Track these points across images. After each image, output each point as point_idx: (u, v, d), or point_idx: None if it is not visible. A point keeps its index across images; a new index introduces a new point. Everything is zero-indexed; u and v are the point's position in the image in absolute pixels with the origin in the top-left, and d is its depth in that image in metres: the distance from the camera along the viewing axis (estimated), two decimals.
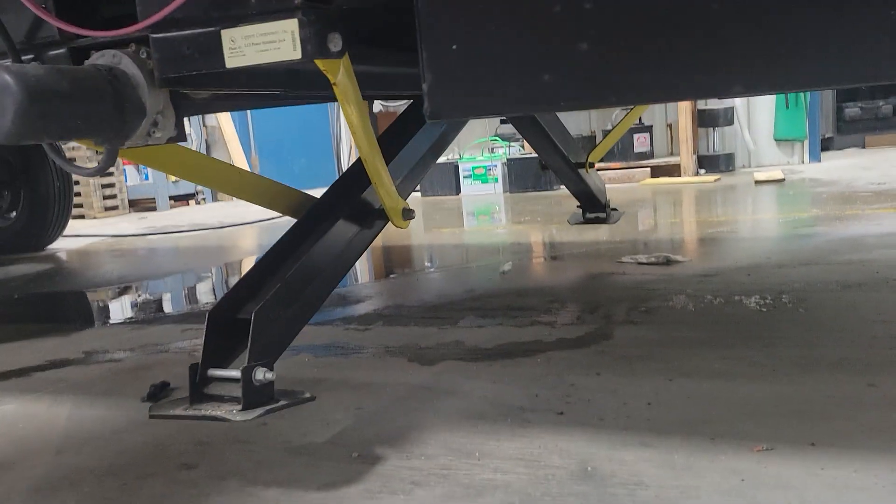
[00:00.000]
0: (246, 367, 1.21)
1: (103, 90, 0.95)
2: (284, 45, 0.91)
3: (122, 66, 0.99)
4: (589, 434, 1.28)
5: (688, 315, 2.01)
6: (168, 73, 0.99)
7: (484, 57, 0.89)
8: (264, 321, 1.25)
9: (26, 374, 1.98)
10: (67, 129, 0.91)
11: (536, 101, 0.89)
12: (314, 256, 1.37)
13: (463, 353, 1.84)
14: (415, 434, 1.35)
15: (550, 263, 3.07)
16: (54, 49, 1.06)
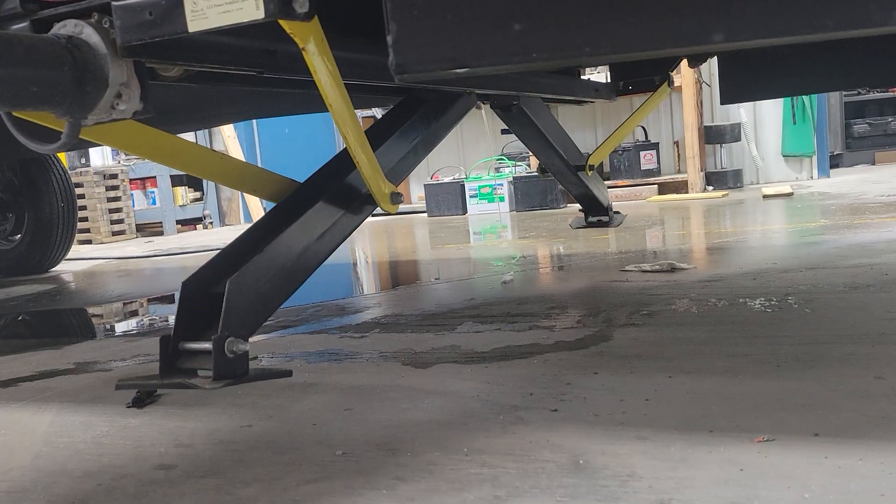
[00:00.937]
0: (218, 337, 1.14)
1: (61, 58, 0.92)
2: (247, 4, 0.88)
3: (84, 35, 0.96)
4: (583, 430, 1.23)
5: (690, 317, 1.95)
6: (130, 41, 0.96)
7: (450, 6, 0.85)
8: (239, 291, 1.19)
9: (13, 385, 1.94)
10: (22, 96, 0.88)
11: (507, 53, 0.85)
12: (295, 234, 1.31)
13: (458, 356, 1.79)
14: (402, 433, 1.30)
15: (553, 274, 3.02)
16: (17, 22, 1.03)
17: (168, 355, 1.25)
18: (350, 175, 1.41)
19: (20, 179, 4.73)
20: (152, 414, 1.57)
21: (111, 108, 0.98)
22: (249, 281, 1.23)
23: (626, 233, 4.18)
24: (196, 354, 1.25)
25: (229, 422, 1.47)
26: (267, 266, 1.26)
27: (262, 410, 1.52)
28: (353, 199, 1.43)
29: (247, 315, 1.26)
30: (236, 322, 1.21)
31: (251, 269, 1.24)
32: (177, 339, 1.24)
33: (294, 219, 1.33)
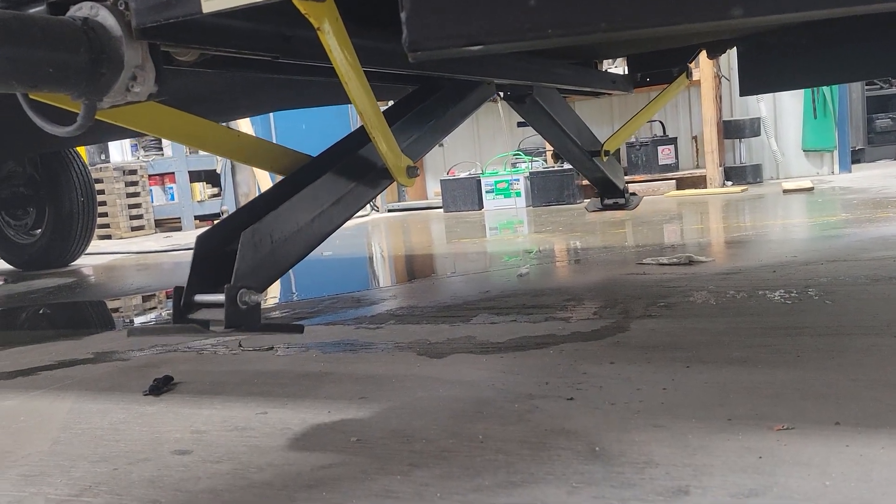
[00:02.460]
0: (230, 286, 1.13)
1: (77, 39, 0.92)
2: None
3: (100, 17, 0.96)
4: (598, 418, 1.22)
5: (708, 309, 1.93)
6: (145, 23, 0.96)
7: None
8: (252, 244, 1.18)
9: (33, 373, 1.96)
10: (37, 77, 0.89)
11: (522, 29, 0.84)
12: (310, 196, 1.30)
13: (473, 346, 1.78)
14: (417, 420, 1.30)
15: (569, 267, 3.01)
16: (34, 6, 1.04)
17: (180, 307, 1.24)
18: (365, 148, 1.40)
19: (41, 174, 4.77)
20: (168, 402, 1.58)
21: (126, 90, 0.98)
22: (263, 235, 1.22)
23: (644, 227, 4.15)
24: (209, 307, 1.23)
25: (244, 409, 1.47)
26: (281, 223, 1.25)
27: (277, 399, 1.52)
28: (369, 170, 1.42)
29: (259, 268, 1.25)
30: (249, 274, 1.20)
31: (265, 224, 1.23)
32: (190, 291, 1.23)
33: (309, 183, 1.32)
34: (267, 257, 1.27)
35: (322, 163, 1.43)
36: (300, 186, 1.34)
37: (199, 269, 1.24)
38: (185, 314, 1.25)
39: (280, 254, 1.31)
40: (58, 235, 4.84)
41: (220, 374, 1.76)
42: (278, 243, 1.28)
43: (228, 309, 1.16)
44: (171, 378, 1.71)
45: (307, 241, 1.36)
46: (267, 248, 1.26)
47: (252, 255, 1.21)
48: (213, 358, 1.94)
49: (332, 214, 1.40)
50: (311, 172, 1.40)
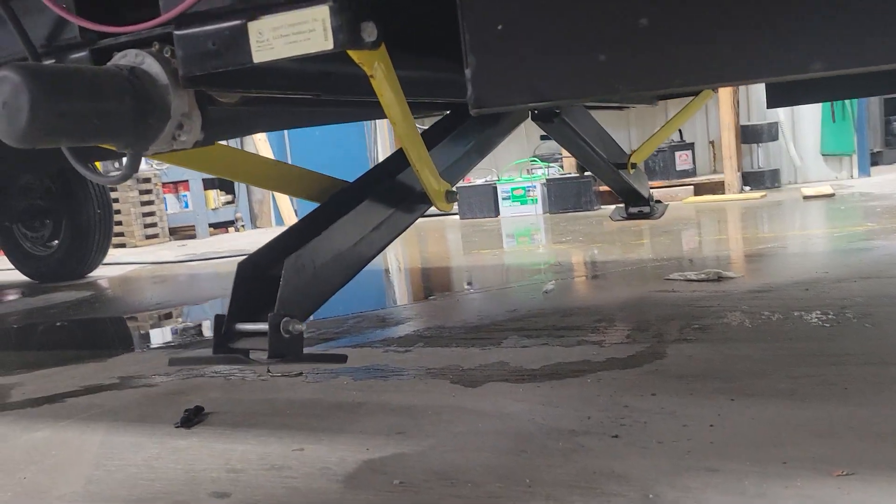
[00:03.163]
0: (274, 315, 1.11)
1: (124, 90, 0.90)
2: (315, 35, 0.85)
3: (145, 65, 0.94)
4: (648, 459, 1.19)
5: (745, 332, 1.89)
6: (193, 72, 0.94)
7: (533, 36, 0.82)
8: (296, 272, 1.15)
9: (60, 401, 1.94)
10: (86, 130, 0.86)
11: (591, 84, 0.81)
12: (351, 222, 1.28)
13: (508, 374, 1.75)
14: (460, 460, 1.27)
15: (595, 282, 2.97)
16: (76, 52, 1.02)
17: (221, 335, 1.22)
18: (404, 173, 1.38)
19: (57, 186, 4.77)
20: (201, 435, 1.56)
21: (173, 138, 0.96)
22: (306, 262, 1.19)
23: (665, 237, 4.11)
24: (249, 335, 1.21)
25: (280, 444, 1.44)
26: (324, 250, 1.22)
27: (312, 433, 1.49)
28: (408, 195, 1.41)
29: (303, 297, 1.23)
30: (292, 302, 1.18)
31: (309, 251, 1.21)
32: (231, 319, 1.21)
33: (350, 209, 1.30)
34: (309, 284, 1.25)
35: (360, 188, 1.41)
36: (340, 212, 1.32)
37: (239, 297, 1.22)
38: (226, 343, 1.23)
39: (322, 281, 1.28)
40: (74, 247, 4.84)
41: (251, 404, 1.74)
42: (320, 270, 1.26)
43: (272, 338, 1.14)
44: (201, 408, 1.69)
45: (348, 267, 1.34)
46: (309, 275, 1.24)
47: (295, 282, 1.19)
48: (242, 385, 1.91)
49: (373, 240, 1.38)
50: (349, 198, 1.38)
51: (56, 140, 0.86)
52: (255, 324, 1.19)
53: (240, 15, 0.90)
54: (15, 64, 0.82)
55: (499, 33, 0.82)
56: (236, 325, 1.21)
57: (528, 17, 0.81)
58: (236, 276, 1.24)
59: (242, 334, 1.21)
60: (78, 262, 4.89)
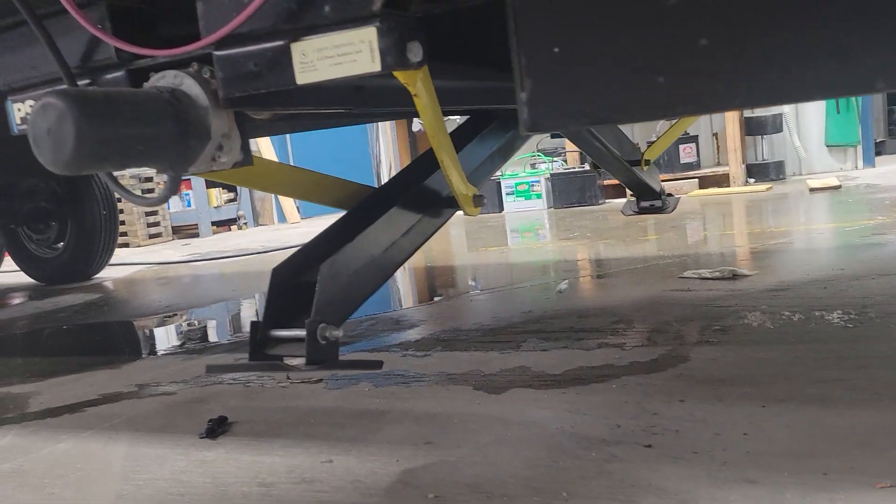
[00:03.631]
0: (311, 321, 1.10)
1: (165, 113, 0.89)
2: (361, 56, 0.84)
3: (184, 87, 0.93)
4: (684, 470, 1.18)
5: (767, 334, 1.89)
6: (233, 93, 0.92)
7: (590, 59, 0.80)
8: (331, 277, 1.14)
9: (79, 410, 1.94)
10: (129, 155, 0.85)
11: (649, 106, 0.80)
12: (382, 228, 1.27)
13: (530, 379, 1.74)
14: (492, 472, 1.26)
15: (607, 281, 2.96)
16: (111, 72, 1.00)
17: (257, 342, 1.21)
18: (431, 178, 1.37)
19: (62, 188, 4.75)
20: (226, 446, 1.55)
21: (212, 160, 0.95)
22: (341, 268, 1.19)
23: (673, 233, 4.10)
24: (285, 342, 1.21)
25: (307, 456, 1.44)
26: (357, 255, 1.22)
27: (338, 443, 1.48)
28: (435, 200, 1.40)
29: (338, 302, 1.22)
30: (328, 308, 1.17)
31: (343, 257, 1.20)
32: (266, 326, 1.20)
33: (380, 215, 1.29)
34: (344, 290, 1.24)
35: (388, 194, 1.40)
36: (371, 218, 1.31)
37: (274, 303, 1.21)
38: (262, 349, 1.22)
39: (356, 286, 1.27)
40: (80, 249, 4.82)
41: (274, 412, 1.73)
42: (354, 275, 1.25)
43: (310, 345, 1.12)
44: (225, 418, 1.68)
45: (380, 273, 1.33)
46: (344, 281, 1.23)
47: (331, 287, 1.18)
48: (262, 392, 1.90)
49: (403, 245, 1.37)
50: (378, 204, 1.37)
51: (99, 166, 0.85)
52: (291, 330, 1.18)
53: (282, 36, 0.89)
54: (59, 90, 0.81)
55: (555, 56, 0.81)
56: (271, 332, 1.20)
57: (586, 40, 0.80)
58: (271, 282, 1.24)
59: (278, 341, 1.21)
60: (84, 263, 4.88)
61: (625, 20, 0.78)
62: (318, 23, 0.86)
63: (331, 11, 0.85)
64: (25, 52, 1.08)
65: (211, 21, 0.91)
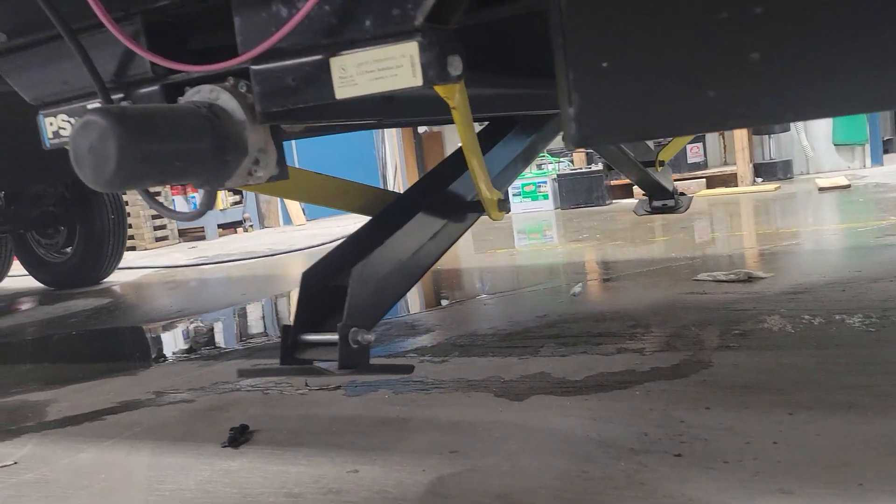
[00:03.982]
0: (344, 325, 1.09)
1: (203, 128, 0.88)
2: (402, 71, 0.83)
3: (221, 101, 0.92)
4: (716, 480, 1.17)
5: (788, 338, 1.88)
6: (271, 108, 0.92)
7: (640, 74, 0.80)
8: (362, 281, 1.13)
9: (99, 418, 1.93)
10: (168, 172, 0.85)
11: (699, 120, 0.80)
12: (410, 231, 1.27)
13: (552, 386, 1.74)
14: (522, 482, 1.25)
15: (620, 284, 2.95)
16: (145, 87, 1.00)
17: (287, 346, 1.21)
18: (455, 183, 1.37)
19: (71, 193, 4.76)
20: (249, 455, 1.55)
21: (248, 174, 0.94)
22: (371, 272, 1.18)
23: (683, 234, 4.09)
24: (316, 346, 1.20)
25: (333, 466, 1.43)
26: (386, 259, 1.21)
27: (363, 452, 1.48)
28: (460, 205, 1.40)
29: (369, 306, 1.21)
30: (359, 312, 1.16)
31: (372, 261, 1.19)
32: (297, 330, 1.19)
33: (406, 219, 1.29)
34: (374, 294, 1.23)
35: (413, 199, 1.40)
36: (398, 223, 1.30)
37: (304, 308, 1.20)
38: (293, 354, 1.21)
39: (386, 290, 1.27)
40: (89, 253, 4.83)
41: (295, 420, 1.73)
42: (384, 279, 1.25)
43: (342, 349, 1.11)
44: (246, 427, 1.68)
45: (409, 277, 1.33)
46: (373, 285, 1.22)
47: (362, 291, 1.17)
48: (281, 399, 1.90)
49: (430, 249, 1.37)
50: (404, 208, 1.36)
51: (140, 183, 0.84)
52: (322, 334, 1.17)
53: (321, 51, 0.88)
54: (101, 108, 0.80)
55: (604, 71, 0.80)
56: (303, 336, 1.19)
57: (635, 55, 0.79)
58: (301, 286, 1.23)
59: (309, 345, 1.20)
60: (93, 268, 4.89)
61: (674, 35, 0.78)
62: (359, 37, 0.85)
63: (372, 26, 0.84)
64: (57, 67, 1.07)
65: (249, 36, 0.90)
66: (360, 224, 1.37)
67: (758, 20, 0.75)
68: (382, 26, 0.84)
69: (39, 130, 1.11)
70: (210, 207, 0.94)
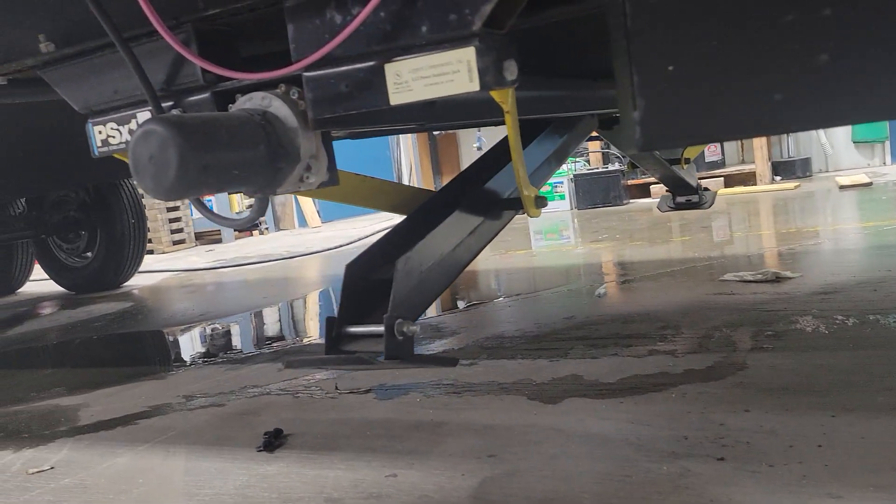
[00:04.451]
0: (390, 315, 1.08)
1: (258, 136, 0.88)
2: (459, 76, 0.83)
3: (273, 109, 0.92)
4: (762, 485, 1.16)
5: (823, 339, 1.86)
6: (323, 114, 0.92)
7: (706, 78, 0.79)
8: (406, 273, 1.12)
9: (132, 423, 1.94)
10: (225, 180, 0.85)
11: (766, 123, 0.79)
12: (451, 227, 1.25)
13: (585, 389, 1.73)
14: (563, 486, 1.25)
15: (645, 284, 2.94)
16: (196, 94, 1.00)
17: (332, 338, 1.20)
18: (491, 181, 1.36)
19: (92, 198, 4.79)
20: (286, 459, 1.55)
21: (300, 181, 0.94)
22: (414, 265, 1.17)
23: (705, 233, 4.07)
24: (361, 338, 1.19)
25: (370, 470, 1.43)
26: (429, 252, 1.20)
27: (399, 456, 1.48)
28: (498, 202, 1.39)
29: (412, 298, 1.19)
30: (403, 304, 1.15)
31: (416, 254, 1.18)
32: (341, 322, 1.19)
33: (446, 215, 1.28)
34: (417, 287, 1.22)
35: (449, 196, 1.39)
36: (437, 218, 1.29)
37: (348, 300, 1.19)
38: (337, 346, 1.21)
39: (428, 283, 1.25)
40: (110, 258, 4.85)
41: (328, 424, 1.73)
42: (426, 272, 1.24)
43: (388, 340, 1.11)
44: (280, 431, 1.68)
45: (450, 270, 1.31)
46: (416, 278, 1.21)
47: (406, 283, 1.16)
48: (313, 403, 1.90)
49: (469, 245, 1.36)
50: (440, 206, 1.36)
51: (198, 191, 0.85)
52: (367, 326, 1.17)
53: (376, 57, 0.88)
54: (161, 117, 0.80)
55: (670, 75, 0.80)
56: (347, 329, 1.18)
57: (701, 58, 0.79)
58: (345, 279, 1.22)
59: (353, 337, 1.19)
60: (114, 272, 4.91)
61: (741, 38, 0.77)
62: (414, 43, 0.85)
63: (428, 32, 0.84)
64: (107, 76, 1.08)
65: (302, 43, 0.90)
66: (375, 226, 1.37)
67: (826, 21, 0.74)
68: (439, 32, 0.83)
69: (88, 139, 1.11)
70: (263, 214, 0.94)
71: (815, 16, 0.75)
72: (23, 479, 1.63)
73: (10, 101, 1.38)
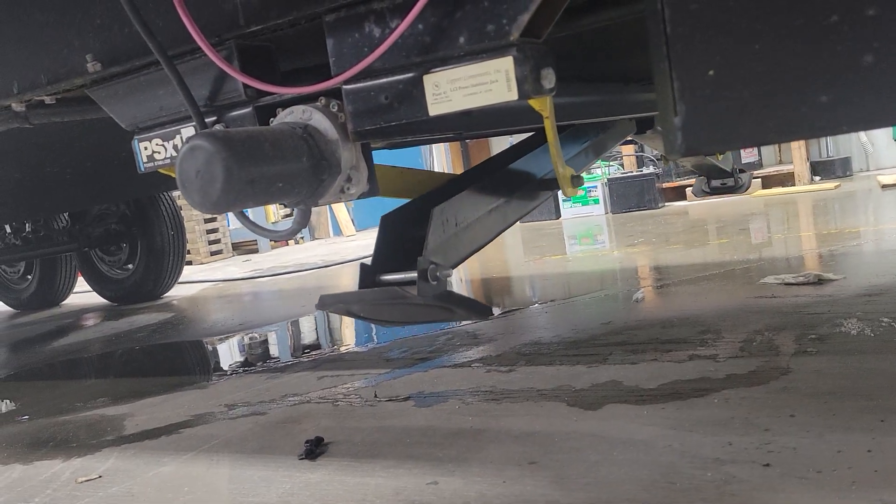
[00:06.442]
0: (423, 258, 1.06)
1: (301, 149, 0.90)
2: (497, 86, 0.83)
3: (313, 121, 0.94)
4: (811, 491, 1.14)
5: (869, 342, 1.82)
6: (363, 126, 0.93)
7: (748, 82, 0.79)
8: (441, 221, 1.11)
9: (175, 432, 1.97)
10: (270, 193, 0.86)
11: (811, 126, 0.78)
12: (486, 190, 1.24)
13: (625, 394, 1.72)
14: (608, 494, 1.24)
15: (683, 288, 2.91)
16: (238, 109, 1.02)
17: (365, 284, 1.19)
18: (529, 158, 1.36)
19: (132, 211, 4.89)
20: (328, 467, 1.56)
21: (341, 192, 0.95)
22: (450, 215, 1.15)
23: (742, 236, 4.02)
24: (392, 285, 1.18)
25: (412, 478, 1.44)
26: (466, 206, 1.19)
27: (440, 464, 1.48)
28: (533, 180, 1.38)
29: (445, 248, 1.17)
30: (438, 251, 1.13)
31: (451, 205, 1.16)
32: (374, 270, 1.17)
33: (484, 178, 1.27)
34: (451, 239, 1.21)
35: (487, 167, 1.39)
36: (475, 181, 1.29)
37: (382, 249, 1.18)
38: None
39: (462, 239, 1.24)
40: (150, 269, 4.95)
41: (368, 432, 1.74)
42: (460, 228, 1.23)
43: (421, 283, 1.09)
44: (321, 439, 1.69)
45: (484, 232, 1.30)
46: (451, 230, 1.20)
47: (441, 231, 1.15)
48: (352, 411, 1.92)
49: (505, 213, 1.35)
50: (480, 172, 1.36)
51: (243, 205, 0.86)
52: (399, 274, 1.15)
53: (414, 68, 0.89)
54: (207, 133, 0.82)
55: (710, 80, 0.79)
56: (380, 276, 1.17)
57: (742, 62, 0.78)
58: (380, 228, 1.20)
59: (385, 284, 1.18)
60: (154, 283, 5.00)
61: (783, 40, 0.76)
62: (452, 54, 0.86)
63: (466, 42, 0.85)
64: (152, 93, 1.10)
65: (342, 57, 0.92)
66: None
67: (870, 22, 0.73)
68: (477, 42, 0.84)
69: (134, 155, 1.14)
70: (305, 225, 0.95)
71: (859, 16, 0.74)
72: (72, 487, 1.66)
73: (58, 119, 1.42)
